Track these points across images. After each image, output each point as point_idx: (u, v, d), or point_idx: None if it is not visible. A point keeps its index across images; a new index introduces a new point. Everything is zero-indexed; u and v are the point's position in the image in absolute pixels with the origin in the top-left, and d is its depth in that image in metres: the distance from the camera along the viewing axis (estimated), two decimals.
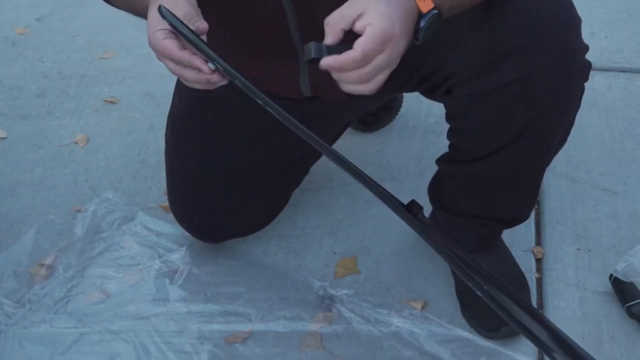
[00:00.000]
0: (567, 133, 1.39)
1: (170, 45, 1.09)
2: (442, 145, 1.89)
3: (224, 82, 1.12)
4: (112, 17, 2.47)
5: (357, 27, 1.03)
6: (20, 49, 2.39)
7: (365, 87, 1.06)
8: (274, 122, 1.15)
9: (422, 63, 1.32)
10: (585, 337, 1.50)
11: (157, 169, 1.91)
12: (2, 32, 2.47)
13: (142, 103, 2.15)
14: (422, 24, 1.07)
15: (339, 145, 1.77)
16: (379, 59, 1.03)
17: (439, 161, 1.52)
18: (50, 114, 2.12)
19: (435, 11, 1.08)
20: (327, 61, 1.03)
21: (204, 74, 1.10)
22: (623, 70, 2.16)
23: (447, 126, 1.98)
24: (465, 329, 1.52)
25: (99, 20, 2.48)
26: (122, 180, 1.90)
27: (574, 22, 1.24)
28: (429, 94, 1.43)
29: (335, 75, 1.06)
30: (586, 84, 1.33)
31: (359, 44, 1.02)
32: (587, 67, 1.29)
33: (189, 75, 1.11)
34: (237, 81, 1.08)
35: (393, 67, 1.06)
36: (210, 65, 1.09)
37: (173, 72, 1.14)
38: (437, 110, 2.03)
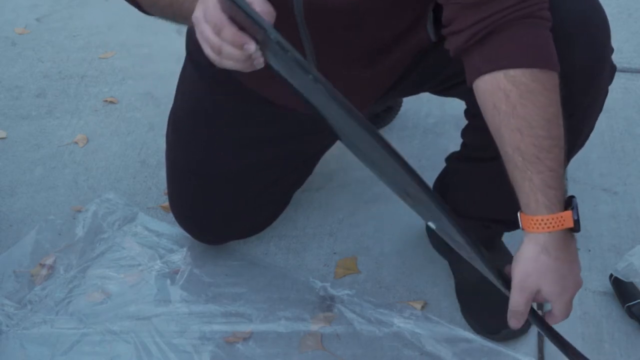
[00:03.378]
0: (588, 136, 1.39)
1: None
2: (442, 146, 1.90)
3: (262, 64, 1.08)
4: (112, 17, 2.48)
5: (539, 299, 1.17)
6: (20, 49, 2.39)
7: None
8: (280, 125, 1.15)
9: (447, 64, 1.30)
10: (585, 337, 1.50)
11: (157, 169, 1.91)
12: (2, 32, 2.46)
13: (142, 103, 2.15)
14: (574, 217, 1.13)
15: (340, 145, 1.77)
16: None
17: (450, 159, 1.50)
18: (50, 114, 2.12)
19: (572, 199, 1.13)
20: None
21: (246, 52, 1.04)
22: (623, 70, 2.15)
23: (447, 126, 1.99)
24: (466, 329, 1.52)
25: (99, 20, 2.48)
26: (122, 180, 1.90)
27: (605, 23, 1.25)
28: (450, 91, 1.42)
29: None
30: None
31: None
32: (613, 69, 1.30)
33: (231, 51, 1.06)
34: (290, 54, 1.02)
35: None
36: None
37: (212, 46, 1.08)
38: (437, 110, 2.03)
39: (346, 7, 1.22)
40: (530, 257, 1.14)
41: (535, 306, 1.54)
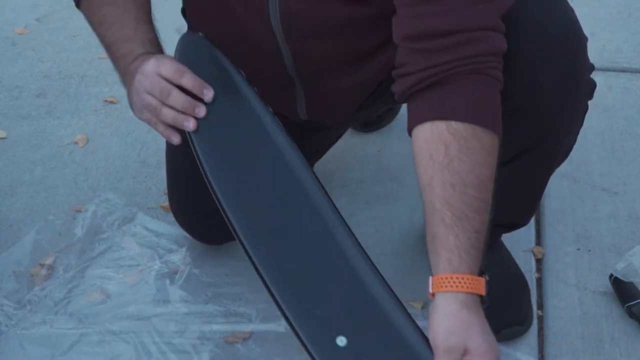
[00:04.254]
0: (570, 149, 1.37)
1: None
2: None
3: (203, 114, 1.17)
4: None
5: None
6: (20, 49, 2.39)
7: None
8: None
9: None
10: (585, 337, 1.50)
11: (157, 169, 1.91)
12: (2, 32, 2.46)
13: None
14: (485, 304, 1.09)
15: (340, 146, 1.77)
16: None
17: None
18: (50, 114, 2.12)
19: (481, 277, 1.08)
20: None
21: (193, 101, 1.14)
22: (623, 70, 2.15)
23: None
24: None
25: None
26: (122, 180, 1.90)
27: (581, 41, 1.22)
28: None
29: None
30: None
31: None
32: (592, 86, 1.27)
33: (178, 99, 1.16)
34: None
35: None
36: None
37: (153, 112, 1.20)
38: None
39: (323, 17, 1.22)
40: (451, 313, 1.04)
41: (535, 307, 1.55)
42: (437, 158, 1.09)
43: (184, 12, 1.52)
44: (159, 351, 1.50)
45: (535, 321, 1.53)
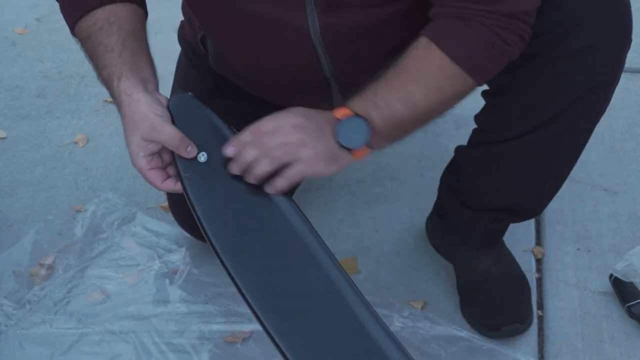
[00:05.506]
0: (605, 108, 1.39)
1: (153, 176, 1.21)
2: (442, 145, 1.90)
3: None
4: None
5: None
6: (20, 49, 2.39)
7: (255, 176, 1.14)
8: None
9: None
10: (585, 337, 1.50)
11: None
12: (2, 32, 2.47)
13: None
14: (337, 130, 1.13)
15: None
16: (268, 143, 1.12)
17: (459, 149, 1.48)
18: (50, 114, 2.12)
19: (355, 116, 1.13)
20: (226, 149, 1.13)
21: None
22: (623, 70, 2.14)
23: (447, 126, 1.99)
24: (466, 329, 1.52)
25: None
26: (122, 180, 1.90)
27: (628, 2, 1.27)
28: None
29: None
30: None
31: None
32: (631, 42, 1.31)
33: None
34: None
35: (296, 165, 1.13)
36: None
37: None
38: None
39: (364, 23, 1.25)
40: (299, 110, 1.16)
41: (535, 307, 1.55)
42: (417, 54, 1.18)
43: (201, 40, 1.50)
44: (158, 351, 1.50)
45: (535, 321, 1.53)
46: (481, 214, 1.48)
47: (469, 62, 1.17)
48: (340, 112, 1.15)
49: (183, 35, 1.56)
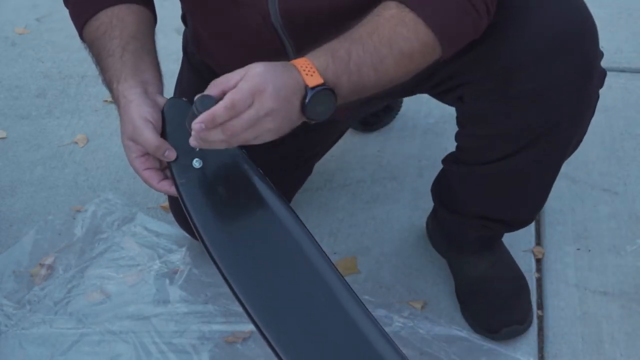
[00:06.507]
0: (581, 140, 1.38)
1: (148, 176, 1.20)
2: (442, 145, 1.90)
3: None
4: None
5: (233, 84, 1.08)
6: (20, 49, 2.39)
7: (232, 142, 1.10)
8: None
9: (434, 72, 1.29)
10: (585, 337, 1.50)
11: None
12: (2, 32, 2.47)
13: None
14: (307, 99, 1.08)
15: (340, 146, 1.77)
16: (248, 113, 1.06)
17: (446, 162, 1.50)
18: (50, 114, 2.12)
19: (324, 87, 1.08)
20: (200, 117, 1.07)
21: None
22: (623, 70, 2.15)
23: (447, 126, 1.99)
24: (466, 329, 1.52)
25: None
26: (122, 180, 1.90)
27: (592, 31, 1.23)
28: (439, 97, 1.42)
29: (204, 134, 1.08)
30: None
31: (227, 94, 1.06)
32: (603, 74, 1.28)
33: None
34: None
35: (269, 131, 1.09)
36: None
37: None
38: (436, 110, 2.03)
39: (323, 8, 1.22)
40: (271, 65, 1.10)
41: (535, 307, 1.55)
42: (384, 14, 1.13)
43: (183, 18, 1.52)
44: (158, 351, 1.50)
45: (535, 321, 1.53)
46: (472, 220, 1.48)
47: (443, 28, 1.12)
48: (312, 81, 1.09)
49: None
